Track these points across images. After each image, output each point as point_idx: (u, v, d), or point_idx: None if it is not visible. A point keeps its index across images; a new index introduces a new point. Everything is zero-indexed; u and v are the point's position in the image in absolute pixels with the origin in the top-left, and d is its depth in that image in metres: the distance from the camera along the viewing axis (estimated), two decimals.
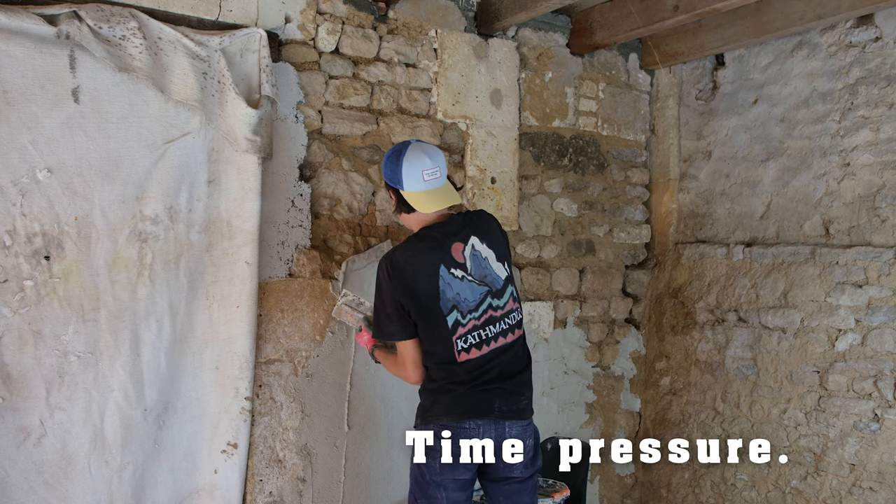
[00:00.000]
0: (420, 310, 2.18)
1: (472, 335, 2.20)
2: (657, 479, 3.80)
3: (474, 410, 2.19)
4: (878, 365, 2.95)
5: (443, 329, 2.18)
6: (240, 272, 2.55)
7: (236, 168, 2.54)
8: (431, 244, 2.22)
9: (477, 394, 2.21)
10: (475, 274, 2.22)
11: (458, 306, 2.19)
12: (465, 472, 2.22)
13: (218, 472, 2.57)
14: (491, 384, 2.22)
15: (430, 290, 2.17)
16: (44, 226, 2.23)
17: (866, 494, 2.98)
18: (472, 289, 2.21)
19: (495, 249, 2.28)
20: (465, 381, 2.22)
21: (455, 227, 2.26)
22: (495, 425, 2.20)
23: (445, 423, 2.20)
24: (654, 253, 3.91)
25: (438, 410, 2.23)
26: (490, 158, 3.29)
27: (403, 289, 2.18)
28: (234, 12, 2.59)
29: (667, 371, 3.76)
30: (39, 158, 2.21)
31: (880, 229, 3.01)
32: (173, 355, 2.47)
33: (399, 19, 3.03)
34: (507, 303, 2.26)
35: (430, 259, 2.19)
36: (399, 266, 2.19)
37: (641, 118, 3.86)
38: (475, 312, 2.20)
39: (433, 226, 2.27)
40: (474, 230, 2.27)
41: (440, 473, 2.20)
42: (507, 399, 2.22)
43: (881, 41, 3.02)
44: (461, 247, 2.22)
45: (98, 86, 2.28)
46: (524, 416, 2.26)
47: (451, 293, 2.18)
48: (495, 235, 2.32)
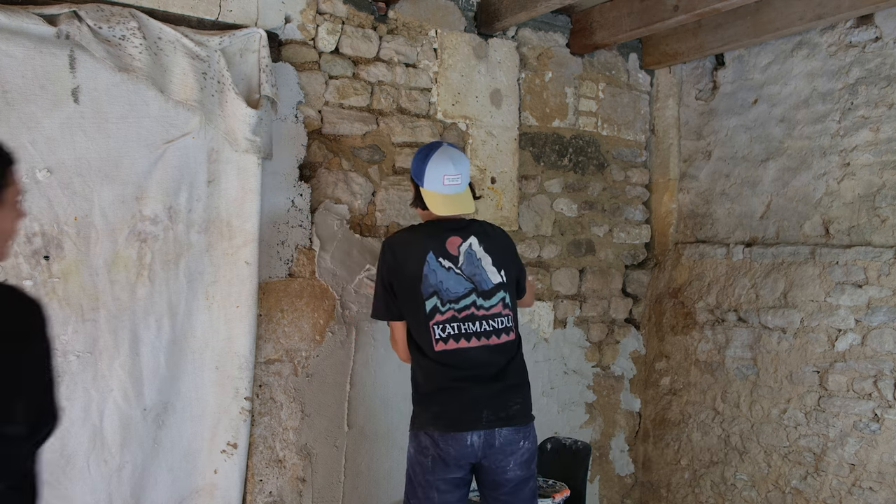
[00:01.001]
0: (404, 291, 2.29)
1: (450, 325, 2.25)
2: (657, 479, 3.80)
3: (460, 422, 2.21)
4: (878, 365, 2.95)
5: (422, 313, 2.26)
6: (240, 272, 2.55)
7: (236, 168, 2.54)
8: (428, 232, 2.34)
9: (462, 402, 2.23)
10: (465, 270, 2.30)
11: (438, 293, 2.26)
12: (458, 471, 2.24)
13: (218, 472, 2.57)
14: (476, 389, 2.23)
15: (415, 273, 2.26)
16: (43, 226, 2.24)
17: (866, 494, 2.98)
18: (459, 281, 2.28)
19: (494, 256, 2.34)
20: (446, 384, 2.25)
21: (458, 225, 2.36)
22: (485, 434, 2.22)
23: (432, 432, 2.24)
24: (654, 253, 3.91)
25: (426, 420, 2.27)
26: (490, 158, 3.29)
27: (393, 269, 2.30)
28: (234, 12, 2.59)
29: (667, 371, 3.76)
30: (39, 158, 2.21)
31: (880, 229, 3.01)
32: (173, 355, 2.47)
33: (399, 19, 3.03)
34: (496, 307, 2.31)
35: (422, 245, 2.30)
36: (393, 247, 2.33)
37: (641, 118, 3.86)
38: (455, 304, 2.26)
39: (439, 221, 2.36)
40: (477, 233, 2.35)
41: (432, 472, 2.23)
42: (494, 407, 2.23)
43: (881, 41, 3.02)
44: (458, 241, 2.31)
45: (98, 86, 2.28)
46: (514, 422, 2.25)
47: (433, 279, 2.27)
48: (499, 244, 2.39)
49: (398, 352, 2.45)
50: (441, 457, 2.21)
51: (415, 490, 2.29)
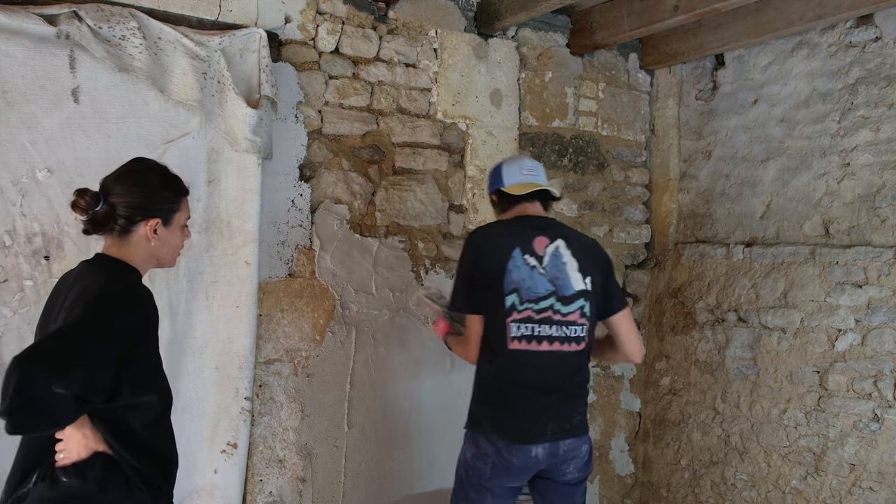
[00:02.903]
0: (485, 284, 2.21)
1: (525, 325, 2.19)
2: (657, 479, 3.80)
3: (527, 435, 2.17)
4: (878, 365, 2.95)
5: (500, 308, 2.19)
6: (240, 272, 2.55)
7: (236, 168, 2.54)
8: (515, 229, 2.28)
9: (528, 413, 2.18)
10: (548, 271, 2.23)
11: (518, 291, 2.19)
12: (518, 480, 2.23)
13: (218, 472, 2.57)
14: (543, 400, 2.19)
15: (499, 267, 2.20)
16: (44, 226, 2.24)
17: (866, 494, 2.98)
18: (541, 282, 2.21)
19: (581, 262, 2.26)
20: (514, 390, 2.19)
21: (544, 224, 2.31)
22: (549, 445, 2.20)
23: (495, 440, 2.19)
24: (654, 253, 3.91)
25: (489, 427, 2.21)
26: (490, 158, 3.29)
27: (477, 261, 2.24)
28: (234, 12, 2.59)
29: (667, 371, 3.76)
30: (39, 158, 2.21)
31: (880, 229, 3.01)
32: (173, 355, 2.47)
33: (399, 19, 3.03)
34: (573, 314, 2.23)
35: (509, 240, 2.24)
36: (479, 239, 2.28)
37: (641, 118, 3.86)
38: (534, 304, 2.19)
39: (524, 219, 2.33)
40: (565, 236, 2.29)
41: (490, 479, 2.20)
42: (558, 420, 2.21)
43: (881, 41, 3.02)
44: (545, 242, 2.25)
45: (98, 86, 2.28)
46: (577, 433, 2.25)
47: (516, 276, 2.19)
48: (590, 253, 2.32)
49: (468, 349, 2.28)
50: (504, 465, 2.17)
51: (466, 493, 2.25)
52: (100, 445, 1.57)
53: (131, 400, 1.58)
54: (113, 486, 1.58)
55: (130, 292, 1.64)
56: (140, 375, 1.59)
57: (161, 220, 1.74)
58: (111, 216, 1.69)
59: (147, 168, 1.79)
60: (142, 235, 1.72)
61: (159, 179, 1.77)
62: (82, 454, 1.56)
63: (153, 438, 1.66)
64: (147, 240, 1.73)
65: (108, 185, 1.72)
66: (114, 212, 1.69)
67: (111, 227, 1.70)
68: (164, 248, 1.78)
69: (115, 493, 1.59)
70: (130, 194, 1.70)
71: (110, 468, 1.58)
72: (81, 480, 1.56)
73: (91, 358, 1.44)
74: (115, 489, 1.58)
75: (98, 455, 1.57)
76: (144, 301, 1.66)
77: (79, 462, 1.56)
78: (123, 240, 1.72)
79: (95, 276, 1.66)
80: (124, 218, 1.69)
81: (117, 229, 1.70)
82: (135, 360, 1.56)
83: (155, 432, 1.66)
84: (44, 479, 1.57)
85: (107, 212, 1.68)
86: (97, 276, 1.66)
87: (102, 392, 1.50)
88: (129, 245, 1.72)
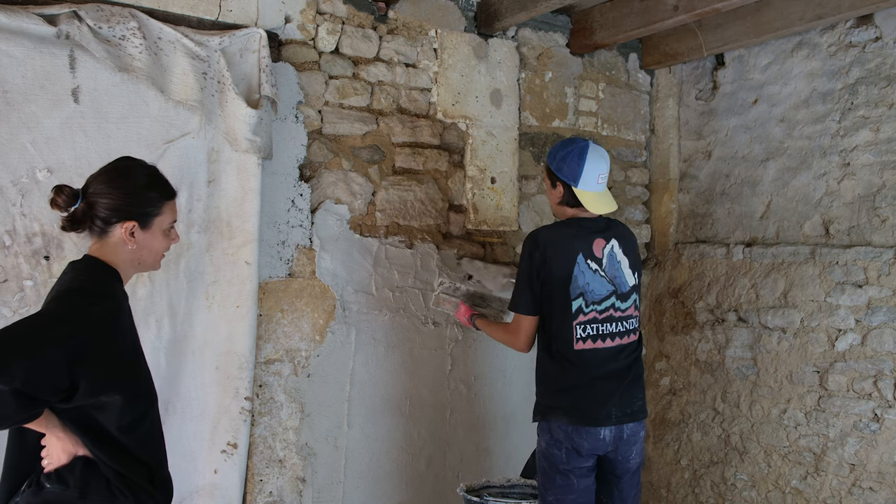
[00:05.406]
0: (552, 289, 2.32)
1: (590, 326, 2.33)
2: (657, 479, 3.80)
3: (592, 419, 2.31)
4: (878, 365, 2.95)
5: (567, 313, 2.32)
6: (240, 272, 2.55)
7: (236, 168, 2.54)
8: (576, 233, 2.37)
9: (596, 399, 2.32)
10: (608, 272, 2.36)
11: (584, 294, 2.33)
12: (589, 461, 2.35)
13: (218, 472, 2.57)
14: (607, 386, 2.33)
15: (565, 273, 2.31)
16: (43, 226, 2.24)
17: (866, 494, 2.98)
18: (602, 284, 2.35)
19: (630, 258, 2.42)
20: (581, 381, 2.33)
21: (600, 226, 2.41)
22: (615, 428, 2.33)
23: (566, 425, 2.32)
24: (654, 253, 3.91)
25: (558, 414, 2.34)
26: (490, 158, 3.29)
27: (541, 265, 2.33)
28: (234, 12, 2.59)
29: (667, 371, 3.76)
30: (39, 158, 2.21)
31: (880, 229, 3.01)
32: (173, 355, 2.47)
33: (399, 19, 3.03)
34: (629, 308, 2.40)
35: (572, 245, 2.33)
36: (542, 243, 2.34)
37: (641, 118, 3.86)
38: (598, 305, 2.33)
39: (582, 219, 2.41)
40: (616, 235, 2.42)
41: (566, 462, 2.32)
42: (622, 405, 2.35)
43: (881, 41, 3.02)
44: (602, 244, 2.37)
45: (98, 86, 2.28)
46: (638, 417, 2.39)
47: (581, 281, 2.32)
48: (632, 247, 2.46)
49: (517, 340, 2.44)
50: (575, 448, 2.32)
51: (553, 479, 2.36)
52: (79, 449, 1.56)
53: (90, 399, 1.52)
54: (94, 492, 1.56)
55: (92, 289, 1.59)
56: (100, 374, 1.52)
57: (137, 223, 1.67)
58: (88, 215, 1.64)
59: (131, 168, 1.72)
60: (119, 237, 1.66)
61: (143, 180, 1.70)
62: (63, 459, 1.55)
63: (130, 442, 1.60)
64: (124, 242, 1.67)
65: (90, 183, 1.67)
66: (91, 211, 1.64)
67: (90, 227, 1.65)
68: (143, 251, 1.71)
69: (97, 499, 1.57)
70: (108, 195, 1.64)
71: (91, 474, 1.57)
72: (63, 486, 1.55)
73: (35, 354, 1.41)
74: (96, 495, 1.57)
75: (78, 459, 1.56)
76: (106, 299, 1.60)
77: (61, 468, 1.55)
78: (103, 240, 1.67)
79: (70, 276, 1.63)
80: (101, 218, 1.64)
81: (96, 229, 1.66)
82: (92, 359, 1.50)
83: (132, 436, 1.61)
84: (30, 486, 1.57)
85: (84, 210, 1.63)
86: (71, 275, 1.64)
87: (54, 390, 1.46)
88: (108, 246, 1.67)
